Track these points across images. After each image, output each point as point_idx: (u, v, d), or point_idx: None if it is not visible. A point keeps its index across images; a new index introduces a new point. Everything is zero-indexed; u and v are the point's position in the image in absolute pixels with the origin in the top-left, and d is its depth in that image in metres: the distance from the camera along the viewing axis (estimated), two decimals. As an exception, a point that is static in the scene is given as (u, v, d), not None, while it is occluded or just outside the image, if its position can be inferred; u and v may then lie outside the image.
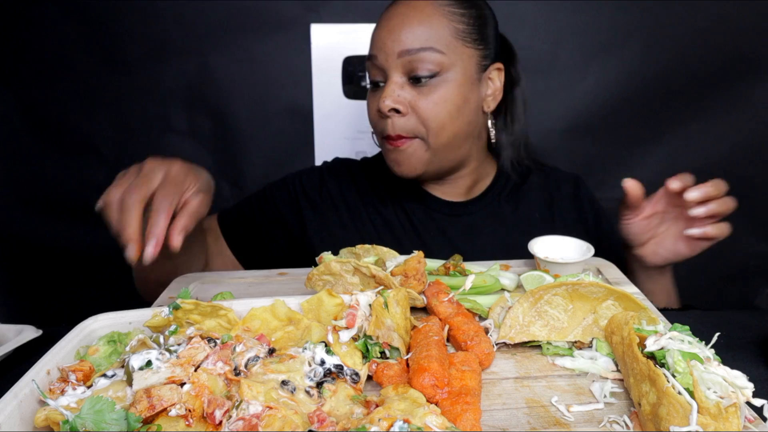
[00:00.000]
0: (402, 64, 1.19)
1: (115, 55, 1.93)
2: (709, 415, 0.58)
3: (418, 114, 1.20)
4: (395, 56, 1.19)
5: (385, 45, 1.20)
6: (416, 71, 1.19)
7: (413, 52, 1.18)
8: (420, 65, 1.18)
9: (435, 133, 1.22)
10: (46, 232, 2.10)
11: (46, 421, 0.63)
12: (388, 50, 1.20)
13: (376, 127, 1.28)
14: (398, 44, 1.19)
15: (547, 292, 0.84)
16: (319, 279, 0.97)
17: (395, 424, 0.58)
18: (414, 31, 1.19)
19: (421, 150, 1.24)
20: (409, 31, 1.19)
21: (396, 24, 1.20)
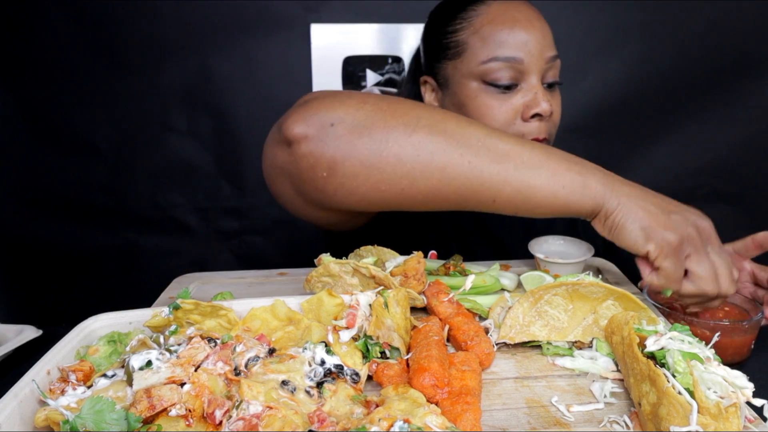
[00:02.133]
0: (544, 70, 1.20)
1: (115, 56, 1.93)
2: (709, 415, 0.58)
3: (553, 117, 1.24)
4: (544, 61, 1.19)
5: (533, 48, 1.18)
6: (552, 77, 1.22)
7: (554, 59, 1.21)
8: (554, 72, 1.23)
9: (554, 134, 1.28)
10: (46, 232, 2.10)
11: (46, 421, 0.63)
12: (536, 53, 1.18)
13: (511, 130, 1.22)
14: (547, 50, 1.20)
15: (547, 292, 0.84)
16: (318, 281, 0.97)
17: (395, 424, 0.59)
18: (549, 37, 1.22)
19: None
20: (549, 38, 1.21)
21: (538, 28, 1.20)
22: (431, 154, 0.82)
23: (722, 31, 1.96)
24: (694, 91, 2.04)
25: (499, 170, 0.82)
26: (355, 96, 0.88)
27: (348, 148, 0.83)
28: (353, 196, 0.86)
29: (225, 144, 2.05)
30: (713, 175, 2.13)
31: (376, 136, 0.82)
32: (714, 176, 2.14)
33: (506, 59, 1.18)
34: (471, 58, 1.21)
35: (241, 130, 2.04)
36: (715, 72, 2.01)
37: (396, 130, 0.82)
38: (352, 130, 0.83)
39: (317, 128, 0.83)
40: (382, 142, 0.82)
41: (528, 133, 1.21)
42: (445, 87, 1.29)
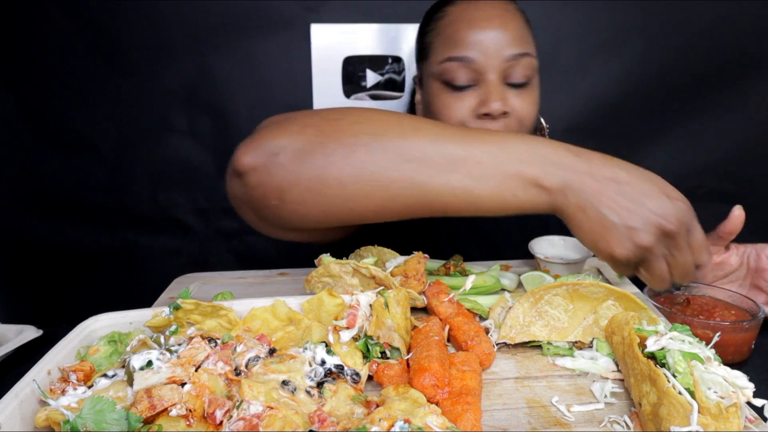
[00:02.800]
0: (504, 68, 1.18)
1: (115, 56, 1.93)
2: (709, 415, 0.58)
3: (518, 117, 1.21)
4: (501, 60, 1.17)
5: (487, 48, 1.17)
6: (516, 76, 1.19)
7: (517, 57, 1.18)
8: (520, 70, 1.19)
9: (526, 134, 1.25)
10: (45, 232, 2.10)
11: (46, 421, 0.63)
12: (490, 53, 1.17)
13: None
14: (504, 48, 1.17)
15: (547, 292, 0.84)
16: (319, 281, 0.97)
17: (396, 424, 0.59)
18: (515, 35, 1.18)
19: None
20: (512, 35, 1.18)
21: (496, 26, 1.18)
22: (372, 174, 0.81)
23: (722, 31, 1.96)
24: (694, 91, 2.04)
25: (443, 183, 0.81)
26: (299, 120, 0.88)
27: (292, 176, 0.83)
28: (307, 219, 0.87)
29: (225, 144, 2.05)
30: (713, 175, 2.13)
31: (317, 161, 0.82)
32: (714, 176, 2.13)
33: (460, 59, 1.18)
34: (433, 59, 1.24)
35: (241, 130, 2.03)
36: (715, 72, 2.01)
37: (335, 153, 0.82)
38: (294, 157, 0.83)
39: (263, 159, 0.85)
40: (323, 168, 0.82)
41: None
42: (421, 87, 1.34)
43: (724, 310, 1.01)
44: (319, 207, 0.84)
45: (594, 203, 0.78)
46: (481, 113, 1.19)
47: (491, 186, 0.80)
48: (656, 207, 0.76)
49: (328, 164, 0.82)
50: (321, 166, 0.82)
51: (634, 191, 0.78)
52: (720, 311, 1.01)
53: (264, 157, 0.85)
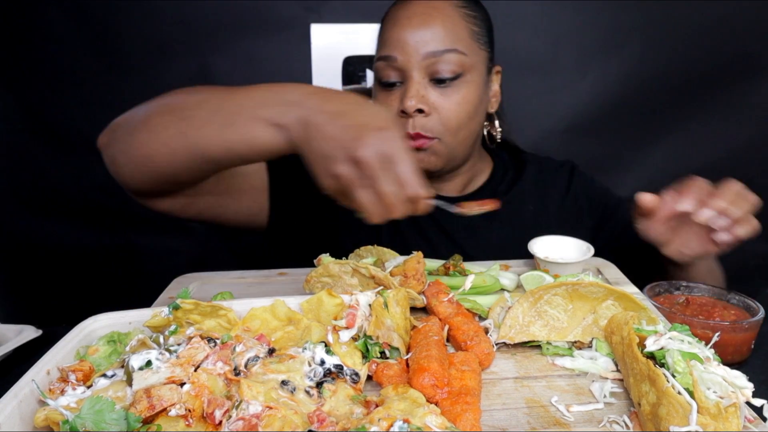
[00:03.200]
0: (425, 65, 1.18)
1: (115, 56, 1.93)
2: (708, 415, 0.58)
3: (441, 114, 1.20)
4: (420, 57, 1.17)
5: (407, 45, 1.18)
6: (440, 73, 1.18)
7: (438, 54, 1.17)
8: (444, 67, 1.18)
9: (454, 133, 1.23)
10: (46, 232, 2.10)
11: (46, 421, 0.63)
12: (410, 51, 1.17)
13: None
14: (423, 45, 1.17)
15: (546, 292, 0.84)
16: (318, 281, 0.97)
17: (395, 424, 0.59)
18: (438, 32, 1.17)
19: (440, 149, 1.24)
20: (434, 32, 1.17)
21: (418, 23, 1.18)
22: (159, 133, 0.99)
23: (722, 31, 1.96)
24: (694, 91, 2.04)
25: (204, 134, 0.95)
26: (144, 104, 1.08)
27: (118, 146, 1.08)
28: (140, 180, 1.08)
29: (225, 144, 2.05)
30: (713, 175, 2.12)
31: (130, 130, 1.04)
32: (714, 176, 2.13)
33: (385, 58, 1.22)
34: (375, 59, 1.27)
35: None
36: (715, 72, 2.01)
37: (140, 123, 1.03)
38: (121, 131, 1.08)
39: (108, 135, 1.11)
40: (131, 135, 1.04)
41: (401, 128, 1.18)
42: None
43: (723, 310, 1.01)
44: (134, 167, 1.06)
45: (315, 135, 0.84)
46: (398, 111, 1.20)
47: (239, 131, 0.93)
48: (359, 137, 0.80)
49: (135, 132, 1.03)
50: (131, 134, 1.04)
51: (348, 122, 0.82)
52: (720, 311, 1.01)
53: (107, 135, 1.11)
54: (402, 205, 0.83)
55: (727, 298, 1.05)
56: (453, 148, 1.25)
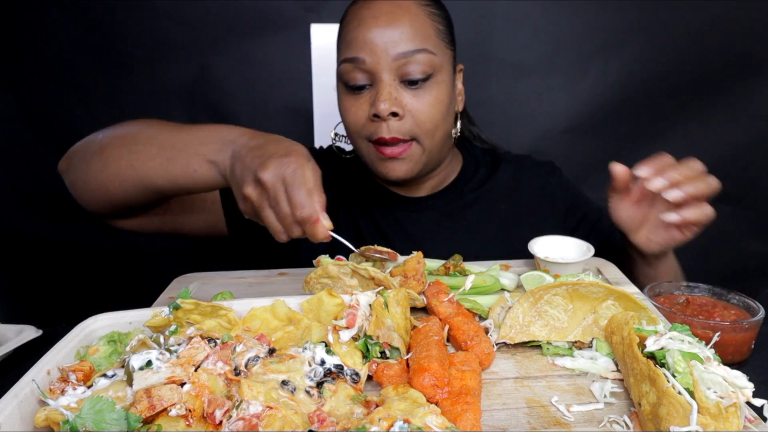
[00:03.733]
0: (395, 66, 1.15)
1: (115, 56, 1.93)
2: (709, 415, 0.58)
3: (414, 116, 1.18)
4: (390, 59, 1.14)
5: (375, 46, 1.14)
6: (411, 74, 1.15)
7: (409, 54, 1.14)
8: (415, 67, 1.15)
9: (430, 134, 1.21)
10: (46, 232, 2.10)
11: (46, 421, 0.63)
12: (379, 52, 1.14)
13: (362, 131, 1.22)
14: (393, 46, 1.14)
15: (547, 292, 0.84)
16: (317, 282, 0.97)
17: (395, 424, 0.59)
18: (406, 32, 1.15)
19: (418, 152, 1.23)
20: (402, 32, 1.14)
21: (385, 23, 1.14)
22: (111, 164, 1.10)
23: (722, 31, 1.96)
24: (694, 91, 2.04)
25: (150, 166, 1.07)
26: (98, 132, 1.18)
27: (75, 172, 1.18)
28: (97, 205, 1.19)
29: (225, 144, 2.05)
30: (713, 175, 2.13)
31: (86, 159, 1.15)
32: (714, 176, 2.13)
33: (350, 60, 1.18)
34: (337, 61, 1.24)
35: (241, 130, 2.03)
36: (715, 72, 2.00)
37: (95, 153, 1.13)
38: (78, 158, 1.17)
39: (67, 161, 1.21)
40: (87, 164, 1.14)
41: (374, 132, 1.19)
42: None
43: (723, 310, 1.01)
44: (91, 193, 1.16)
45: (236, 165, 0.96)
46: (371, 115, 1.18)
47: (180, 166, 1.04)
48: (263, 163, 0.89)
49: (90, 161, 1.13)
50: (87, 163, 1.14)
51: (260, 153, 0.93)
52: (720, 311, 1.01)
53: (66, 160, 1.21)
54: (295, 227, 0.91)
55: (727, 298, 1.05)
56: (430, 150, 1.24)
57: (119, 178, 1.11)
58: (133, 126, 1.15)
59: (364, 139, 1.23)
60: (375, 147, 1.22)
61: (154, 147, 1.07)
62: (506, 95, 2.03)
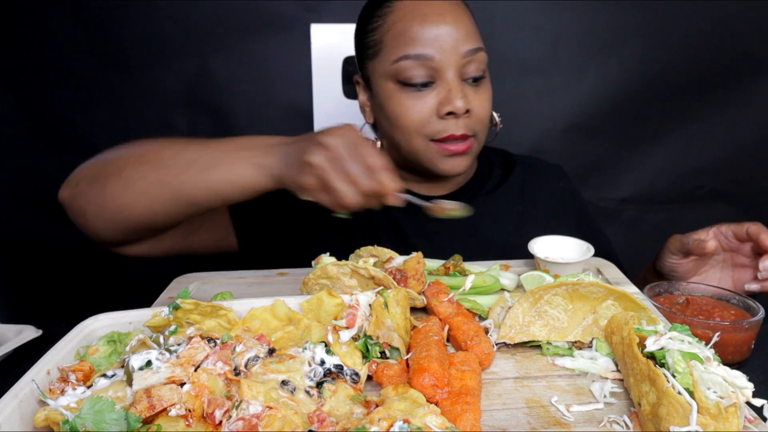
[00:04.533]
0: (462, 65, 1.16)
1: (115, 56, 1.93)
2: (709, 415, 0.58)
3: (476, 114, 1.20)
4: (459, 56, 1.15)
5: (444, 43, 1.14)
6: (473, 72, 1.18)
7: (473, 53, 1.17)
8: (476, 66, 1.18)
9: (484, 131, 1.25)
10: (46, 232, 2.10)
11: (46, 421, 0.63)
12: (448, 49, 1.15)
13: (424, 130, 1.20)
14: (461, 44, 1.15)
15: (547, 292, 0.84)
16: (316, 283, 0.97)
17: (395, 424, 0.59)
18: (469, 30, 1.17)
19: (475, 148, 1.25)
20: (466, 30, 1.17)
21: (451, 22, 1.15)
22: (135, 182, 1.05)
23: (722, 31, 1.96)
24: (694, 91, 2.04)
25: (186, 180, 1.03)
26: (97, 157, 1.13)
27: (86, 198, 1.11)
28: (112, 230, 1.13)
29: (225, 144, 2.05)
30: (713, 175, 2.13)
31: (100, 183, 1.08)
32: (714, 176, 2.14)
33: (416, 57, 1.15)
34: (385, 58, 1.19)
35: (241, 130, 2.03)
36: (715, 72, 2.01)
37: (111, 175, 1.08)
38: (88, 183, 1.11)
39: (71, 189, 1.14)
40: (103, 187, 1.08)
41: (443, 130, 1.18)
42: (369, 87, 1.28)
43: (723, 310, 1.01)
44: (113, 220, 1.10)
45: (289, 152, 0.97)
46: (444, 113, 1.17)
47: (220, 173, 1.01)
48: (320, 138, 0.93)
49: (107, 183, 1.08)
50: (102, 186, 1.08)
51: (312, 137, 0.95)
52: (720, 311, 1.01)
53: (72, 187, 1.14)
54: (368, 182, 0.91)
55: (727, 298, 1.05)
56: (480, 146, 1.27)
57: (147, 197, 1.05)
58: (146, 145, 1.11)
59: (423, 137, 1.21)
60: (438, 144, 1.21)
61: (184, 160, 1.03)
62: (506, 95, 2.02)
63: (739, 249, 1.15)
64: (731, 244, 1.15)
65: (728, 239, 1.15)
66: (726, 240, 1.15)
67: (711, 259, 1.18)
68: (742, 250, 1.15)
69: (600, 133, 2.07)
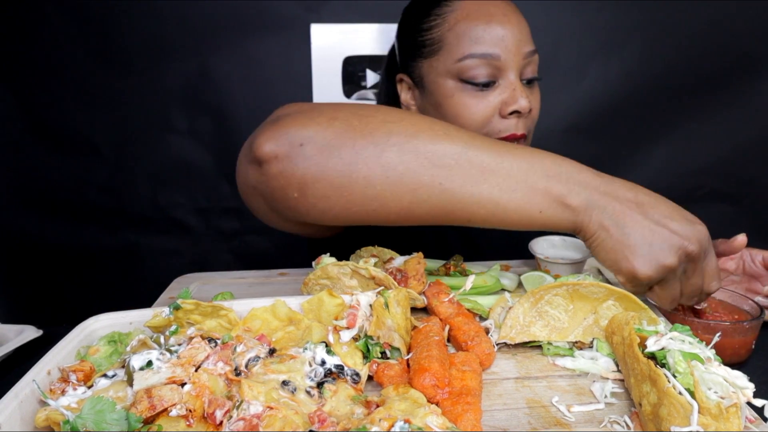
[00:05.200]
0: (523, 65, 1.18)
1: (115, 55, 1.93)
2: (709, 416, 0.58)
3: (532, 114, 1.22)
4: (522, 56, 1.17)
5: (510, 44, 1.16)
6: (530, 73, 1.20)
7: (532, 54, 1.19)
8: (533, 67, 1.20)
9: (533, 130, 1.26)
10: (46, 232, 2.10)
11: (46, 421, 0.63)
12: (513, 49, 1.16)
13: (486, 128, 1.20)
14: (524, 44, 1.17)
15: (547, 292, 0.84)
16: (316, 283, 0.97)
17: (396, 424, 0.58)
18: (527, 32, 1.19)
19: None
20: (526, 32, 1.19)
21: (515, 23, 1.17)
22: (401, 175, 0.79)
23: (722, 31, 1.97)
24: (694, 91, 2.04)
25: (472, 192, 0.79)
26: (326, 111, 0.84)
27: (317, 169, 0.80)
28: (326, 215, 0.85)
29: (225, 144, 2.05)
30: (713, 175, 2.14)
31: (345, 157, 0.79)
32: (714, 176, 2.14)
33: (482, 56, 1.15)
34: (446, 56, 1.18)
35: (241, 130, 2.04)
36: (715, 72, 2.01)
37: (365, 150, 0.79)
38: (321, 150, 0.80)
39: (287, 148, 0.80)
40: (351, 164, 0.79)
41: (504, 129, 1.19)
42: (421, 86, 1.27)
43: (724, 311, 1.01)
44: (341, 204, 0.82)
45: (618, 223, 0.77)
46: (508, 112, 1.17)
47: (518, 199, 0.79)
48: (680, 229, 0.76)
49: (358, 161, 0.79)
50: (349, 163, 0.79)
51: (657, 213, 0.78)
52: (720, 312, 1.01)
53: (288, 146, 0.80)
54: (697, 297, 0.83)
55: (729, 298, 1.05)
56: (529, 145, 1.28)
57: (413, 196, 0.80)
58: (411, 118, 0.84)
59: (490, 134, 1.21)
60: None
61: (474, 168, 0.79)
62: (506, 95, 2.02)
63: (760, 278, 1.11)
64: (756, 269, 1.11)
65: (754, 263, 1.11)
66: (751, 264, 1.12)
67: (727, 276, 1.15)
68: (763, 279, 1.11)
69: (600, 133, 2.07)
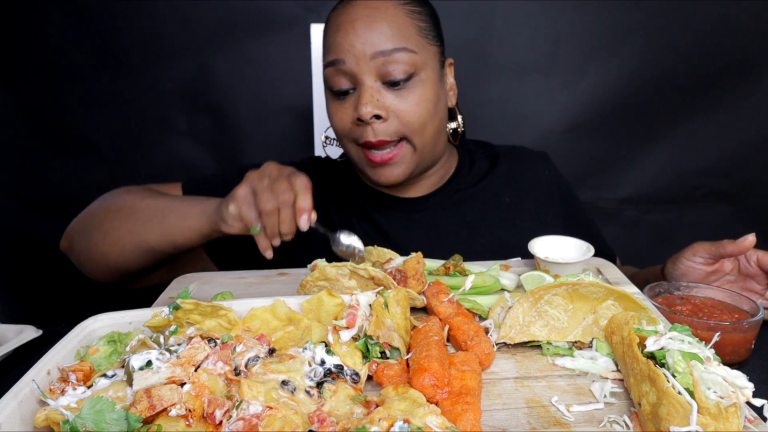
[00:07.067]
0: (375, 67, 1.14)
1: (115, 56, 1.93)
2: (709, 415, 0.58)
3: (400, 117, 1.17)
4: (368, 59, 1.13)
5: (353, 48, 1.14)
6: (392, 74, 1.15)
7: (387, 53, 1.13)
8: (395, 67, 1.14)
9: (419, 133, 1.20)
10: (46, 232, 2.09)
11: (46, 421, 0.63)
12: (357, 53, 1.13)
13: (349, 135, 1.22)
14: (370, 46, 1.13)
15: (547, 292, 0.84)
16: (314, 285, 0.97)
17: (395, 424, 0.59)
18: (384, 32, 1.14)
19: (409, 153, 1.22)
20: (379, 32, 1.14)
21: (362, 25, 1.14)
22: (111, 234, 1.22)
23: (722, 31, 1.96)
24: (694, 91, 2.04)
25: (145, 229, 1.19)
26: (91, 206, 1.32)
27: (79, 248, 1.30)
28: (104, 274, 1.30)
29: (225, 144, 2.05)
30: (713, 175, 2.14)
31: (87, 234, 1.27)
32: (714, 176, 2.14)
33: (331, 63, 1.18)
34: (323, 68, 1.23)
35: (241, 130, 2.04)
36: (715, 72, 2.01)
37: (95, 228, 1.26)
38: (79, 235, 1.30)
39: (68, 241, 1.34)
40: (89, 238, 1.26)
41: (360, 136, 1.19)
42: None
43: (723, 311, 1.01)
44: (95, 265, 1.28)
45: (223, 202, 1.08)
46: (355, 119, 1.17)
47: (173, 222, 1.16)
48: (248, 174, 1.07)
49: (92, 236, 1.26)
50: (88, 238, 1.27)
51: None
52: (720, 312, 1.01)
53: (67, 240, 1.34)
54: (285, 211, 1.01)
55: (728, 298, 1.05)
56: (422, 149, 1.23)
57: (119, 246, 1.21)
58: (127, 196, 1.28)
59: (352, 142, 1.23)
60: (364, 152, 1.22)
61: (149, 211, 1.20)
62: (506, 95, 2.03)
63: (755, 277, 1.15)
64: (751, 269, 1.15)
65: (749, 263, 1.15)
66: (746, 263, 1.15)
67: (723, 277, 1.17)
68: (758, 278, 1.15)
69: (600, 133, 2.07)
